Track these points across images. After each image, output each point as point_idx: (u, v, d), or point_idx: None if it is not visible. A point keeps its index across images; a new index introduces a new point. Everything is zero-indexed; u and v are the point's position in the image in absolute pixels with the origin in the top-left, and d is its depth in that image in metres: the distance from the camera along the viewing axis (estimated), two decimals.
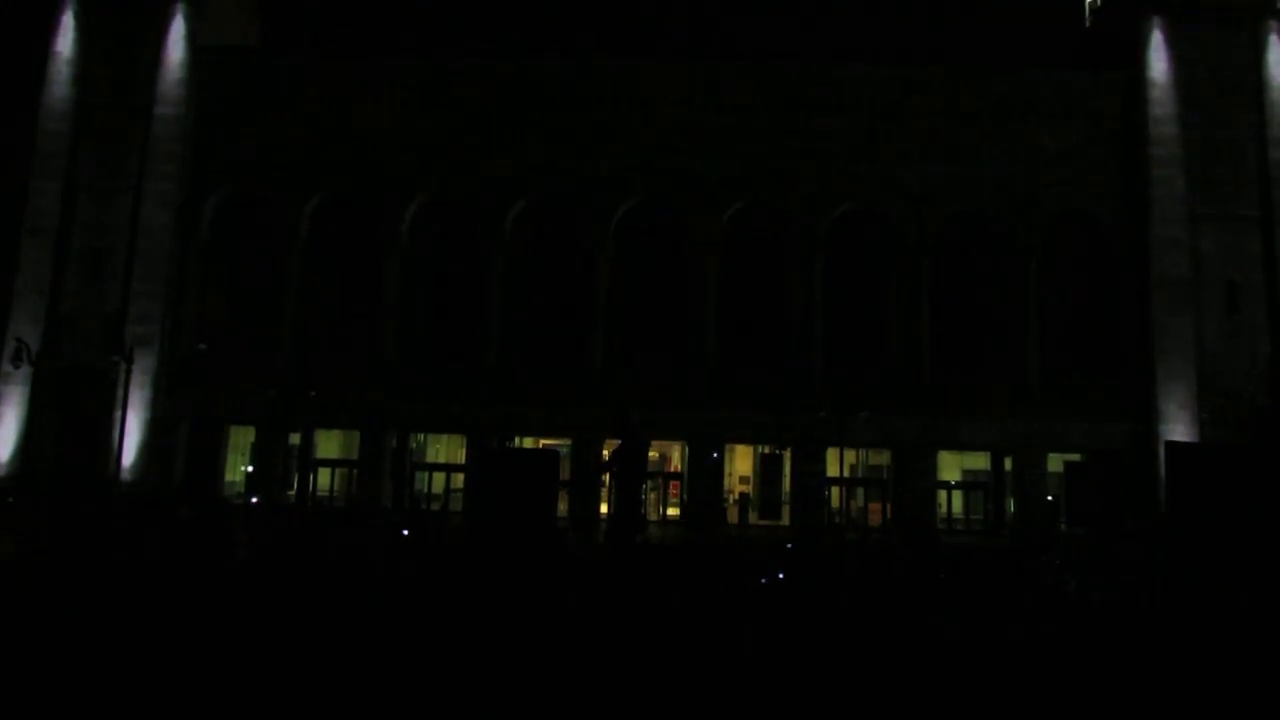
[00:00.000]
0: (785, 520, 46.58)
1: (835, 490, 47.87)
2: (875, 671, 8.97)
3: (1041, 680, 8.88)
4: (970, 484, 49.34)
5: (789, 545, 25.34)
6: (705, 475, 46.08)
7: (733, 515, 47.41)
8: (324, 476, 48.87)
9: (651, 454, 47.08)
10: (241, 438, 49.14)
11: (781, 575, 15.74)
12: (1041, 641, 10.93)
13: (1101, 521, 43.26)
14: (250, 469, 47.99)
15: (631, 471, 13.50)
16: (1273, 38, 46.68)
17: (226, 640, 9.49)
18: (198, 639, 9.53)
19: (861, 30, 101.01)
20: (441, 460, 50.81)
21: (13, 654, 8.80)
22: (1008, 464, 47.29)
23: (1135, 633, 11.26)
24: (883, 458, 49.32)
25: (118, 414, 44.65)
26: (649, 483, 45.23)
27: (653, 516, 43.70)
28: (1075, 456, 47.29)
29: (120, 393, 44.58)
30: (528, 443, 46.04)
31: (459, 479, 47.71)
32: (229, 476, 49.28)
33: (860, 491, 49.68)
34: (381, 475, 46.47)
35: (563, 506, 41.68)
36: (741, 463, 50.79)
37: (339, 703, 7.49)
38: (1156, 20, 46.99)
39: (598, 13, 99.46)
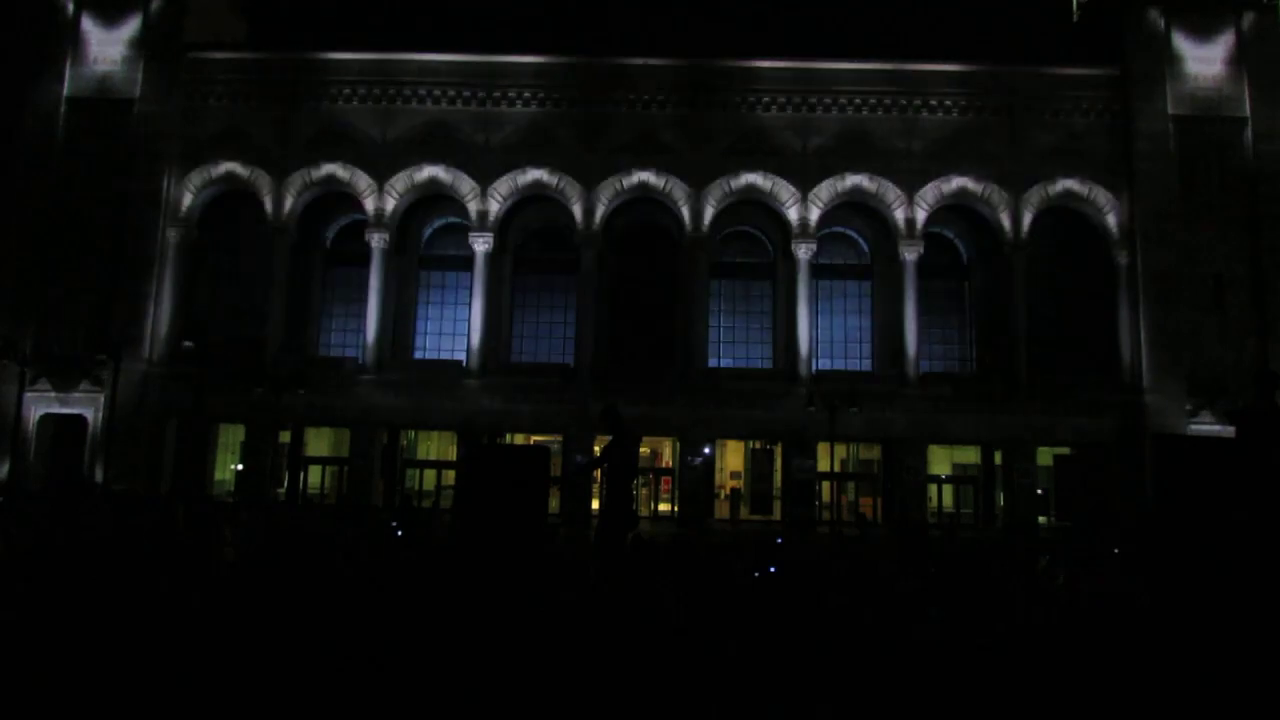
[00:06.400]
0: (776, 515, 46.69)
1: (826, 485, 48.02)
2: (865, 666, 9.01)
3: (1029, 674, 8.93)
4: (961, 478, 49.55)
5: (779, 540, 25.48)
6: (696, 471, 46.14)
7: (724, 510, 47.46)
8: (314, 474, 48.76)
9: (642, 450, 47.16)
10: (231, 436, 48.96)
11: (773, 569, 15.81)
12: (1030, 635, 10.99)
13: (1090, 514, 43.53)
14: (240, 467, 47.81)
15: (622, 468, 13.49)
16: (1258, 31, 46.89)
17: (216, 640, 9.47)
18: (186, 639, 9.51)
19: (852, 26, 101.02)
20: (432, 457, 50.76)
21: (5, 654, 8.77)
22: (998, 458, 47.50)
23: (1123, 625, 11.33)
24: (873, 452, 49.49)
25: (104, 413, 44.57)
26: (640, 479, 45.26)
27: (644, 512, 43.75)
28: (1064, 450, 47.52)
29: (108, 391, 44.53)
30: (519, 439, 45.98)
31: (450, 476, 47.66)
32: (219, 475, 49.13)
33: (851, 486, 49.82)
34: (372, 473, 46.39)
35: (554, 503, 41.75)
36: (732, 458, 50.87)
37: (327, 703, 7.49)
38: (1144, 14, 47.18)
39: (585, 8, 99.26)
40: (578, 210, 47.19)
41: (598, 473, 14.14)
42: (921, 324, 46.75)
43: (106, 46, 48.35)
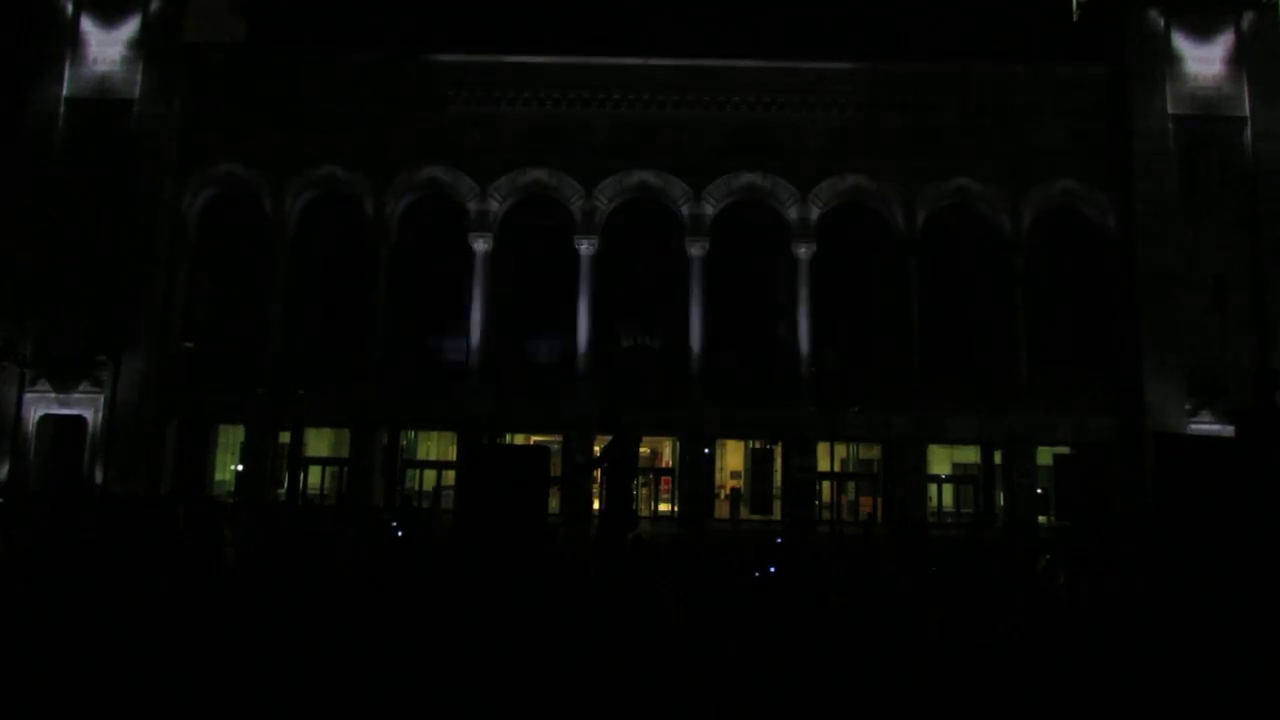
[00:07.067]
0: (776, 515, 46.70)
1: (826, 485, 48.04)
2: (865, 666, 9.00)
3: (1029, 674, 8.93)
4: (960, 478, 49.56)
5: (779, 540, 25.48)
6: (696, 471, 46.14)
7: (724, 510, 47.47)
8: (314, 475, 48.71)
9: (642, 450, 47.15)
10: (231, 437, 48.95)
11: (773, 570, 15.80)
12: (1030, 635, 10.99)
13: (1090, 514, 43.55)
14: (240, 468, 47.81)
15: (622, 468, 13.49)
16: (1257, 31, 46.90)
17: (216, 641, 9.47)
18: (186, 640, 9.51)
19: (847, 25, 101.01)
20: (432, 458, 50.75)
21: (6, 656, 8.77)
22: (997, 457, 47.49)
23: (1123, 625, 11.33)
24: (873, 452, 49.51)
25: (104, 413, 44.58)
26: (640, 479, 45.25)
27: (644, 512, 43.75)
28: (1064, 449, 47.53)
29: (107, 391, 44.56)
30: (519, 439, 45.97)
31: (450, 476, 47.66)
32: (219, 476, 49.11)
33: (851, 486, 49.83)
34: (372, 473, 46.37)
35: (554, 503, 41.76)
36: (732, 458, 50.87)
37: (327, 703, 7.48)
38: (1144, 14, 47.18)
39: (583, 10, 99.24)
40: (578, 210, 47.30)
41: (598, 473, 14.14)
42: (922, 322, 46.73)
43: (106, 47, 48.32)
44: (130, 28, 48.42)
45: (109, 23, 48.49)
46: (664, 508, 48.45)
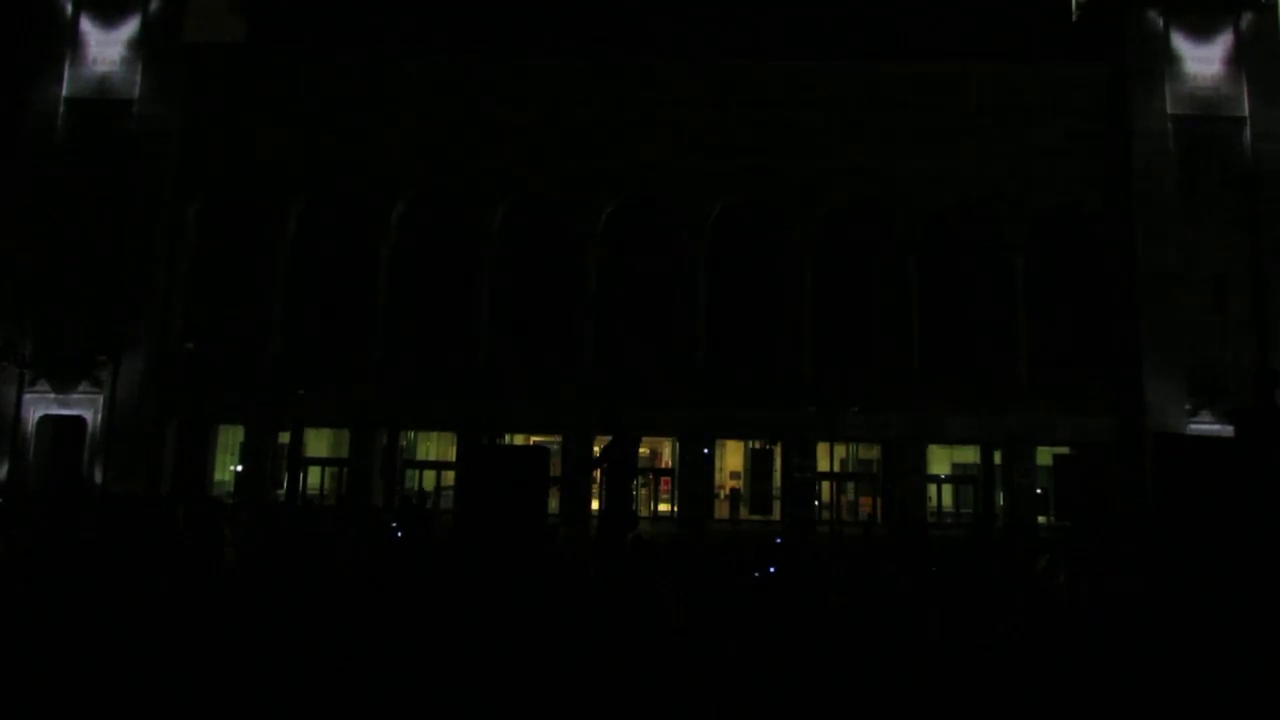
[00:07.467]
0: (776, 515, 46.67)
1: (826, 485, 48.00)
2: (865, 666, 9.00)
3: (1029, 674, 8.93)
4: (960, 478, 49.53)
5: (778, 540, 25.49)
6: (696, 471, 46.11)
7: (724, 510, 47.45)
8: (314, 475, 48.66)
9: (642, 450, 47.15)
10: (231, 437, 48.93)
11: (773, 570, 15.80)
12: (1030, 635, 11.00)
13: (1090, 514, 43.50)
14: (240, 468, 47.79)
15: (622, 468, 13.49)
16: (1256, 31, 46.90)
17: (216, 640, 9.47)
18: (186, 640, 9.51)
19: (847, 25, 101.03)
20: (432, 458, 50.71)
21: (6, 656, 8.77)
22: (997, 457, 47.42)
23: (1123, 625, 11.33)
24: (873, 452, 49.48)
25: (104, 413, 44.58)
26: (640, 479, 45.27)
27: (644, 512, 43.74)
28: (1064, 450, 47.51)
29: (107, 391, 44.56)
30: (518, 440, 45.93)
31: (450, 477, 47.62)
32: (218, 476, 49.10)
33: (851, 486, 49.80)
34: (371, 473, 46.34)
35: (554, 503, 41.74)
36: (732, 458, 50.85)
37: (327, 703, 7.48)
38: (1143, 14, 47.18)
39: (582, 11, 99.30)
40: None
41: (598, 473, 14.14)
42: (921, 323, 46.71)
43: (106, 47, 48.31)
44: (130, 28, 48.42)
45: (109, 23, 48.48)
46: (664, 508, 48.42)
